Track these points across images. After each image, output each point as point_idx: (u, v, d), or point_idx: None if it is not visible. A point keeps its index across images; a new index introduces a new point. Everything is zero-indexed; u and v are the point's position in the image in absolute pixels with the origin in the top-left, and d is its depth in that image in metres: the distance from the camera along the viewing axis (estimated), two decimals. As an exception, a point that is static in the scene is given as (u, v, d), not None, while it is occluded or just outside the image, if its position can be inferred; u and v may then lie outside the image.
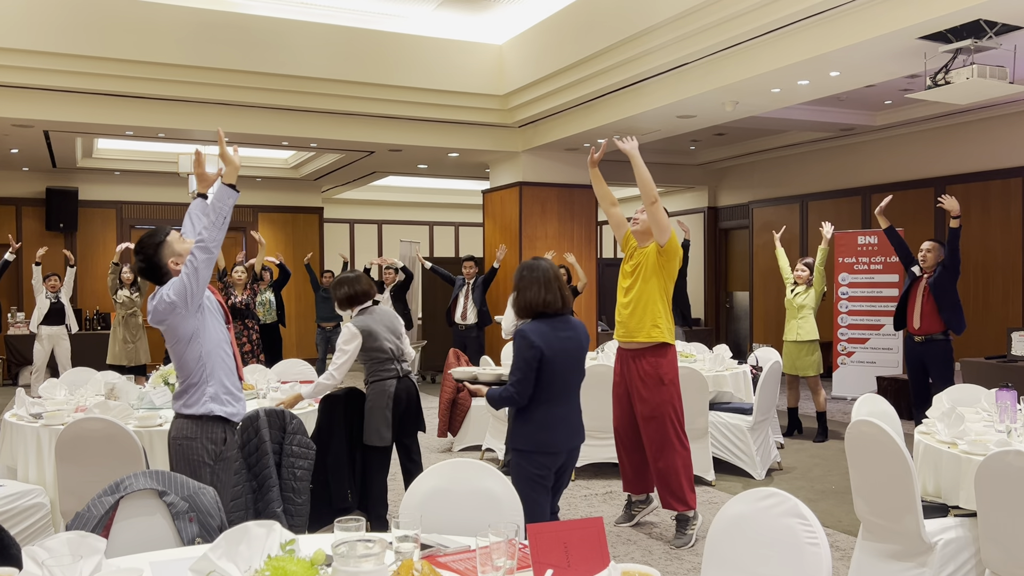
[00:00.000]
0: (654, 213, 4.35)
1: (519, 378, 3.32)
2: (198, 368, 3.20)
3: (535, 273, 3.42)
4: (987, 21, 5.31)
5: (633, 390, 4.59)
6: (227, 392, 3.27)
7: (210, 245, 3.07)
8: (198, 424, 3.21)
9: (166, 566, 2.08)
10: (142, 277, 3.25)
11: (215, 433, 3.22)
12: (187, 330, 3.17)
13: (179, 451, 3.23)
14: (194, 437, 3.21)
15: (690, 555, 4.43)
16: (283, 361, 6.28)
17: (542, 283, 3.39)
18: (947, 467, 3.49)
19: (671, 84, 7.60)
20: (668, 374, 4.51)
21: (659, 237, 4.39)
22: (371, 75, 8.80)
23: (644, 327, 4.48)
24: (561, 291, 3.41)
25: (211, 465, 3.20)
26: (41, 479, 4.13)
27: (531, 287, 3.40)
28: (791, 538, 2.11)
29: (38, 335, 9.40)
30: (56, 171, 12.24)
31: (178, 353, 3.21)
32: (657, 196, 4.36)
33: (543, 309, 3.38)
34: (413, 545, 2.01)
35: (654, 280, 4.46)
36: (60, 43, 7.73)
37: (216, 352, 3.24)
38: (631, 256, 4.62)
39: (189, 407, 3.21)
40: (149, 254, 3.18)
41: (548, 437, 3.37)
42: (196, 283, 3.08)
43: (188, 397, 3.23)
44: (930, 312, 6.21)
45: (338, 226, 15.48)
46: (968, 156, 9.71)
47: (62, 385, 5.09)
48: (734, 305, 13.77)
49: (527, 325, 3.39)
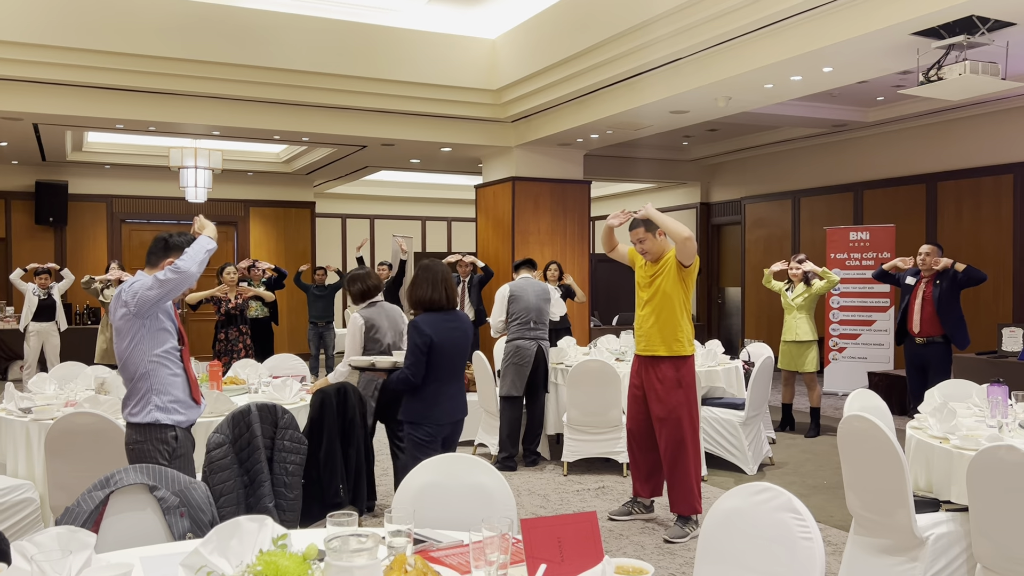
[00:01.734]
0: (686, 247, 4.38)
1: (412, 362, 3.91)
2: (140, 376, 3.20)
3: (428, 274, 4.03)
4: (980, 17, 5.31)
5: (650, 391, 4.61)
6: (175, 401, 3.25)
7: (181, 269, 3.14)
8: (144, 431, 3.20)
9: (157, 561, 2.06)
10: (155, 242, 3.36)
11: (164, 434, 3.21)
12: (128, 331, 3.19)
13: (132, 456, 3.22)
14: (144, 440, 3.20)
15: (683, 550, 4.44)
16: (275, 356, 6.25)
17: (432, 283, 4.00)
18: (939, 462, 3.50)
19: (664, 79, 7.59)
20: (686, 377, 4.57)
21: (685, 261, 4.46)
22: (363, 69, 8.77)
23: (665, 341, 4.53)
24: (447, 291, 4.01)
25: (167, 465, 3.18)
26: (30, 474, 4.11)
27: (423, 285, 4.00)
28: (784, 532, 2.11)
29: (27, 331, 9.35)
30: (46, 164, 12.16)
31: (120, 353, 3.22)
32: (690, 233, 4.40)
33: (430, 305, 3.98)
34: (406, 540, 2.00)
35: (674, 291, 4.51)
36: (50, 36, 7.67)
37: (161, 362, 3.22)
38: (646, 265, 4.64)
39: (134, 416, 3.21)
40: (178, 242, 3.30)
41: (435, 411, 3.98)
42: (155, 295, 3.13)
43: (133, 405, 3.22)
44: (930, 317, 6.26)
45: (330, 221, 15.43)
46: (960, 153, 9.74)
47: (52, 380, 5.05)
48: (726, 301, 13.80)
49: (419, 317, 3.98)
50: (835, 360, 9.90)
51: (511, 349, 6.23)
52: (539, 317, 6.28)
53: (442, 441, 4.04)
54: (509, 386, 6.19)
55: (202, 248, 3.25)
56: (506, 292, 6.36)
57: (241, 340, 7.67)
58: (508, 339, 6.30)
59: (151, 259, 3.32)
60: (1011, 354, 7.20)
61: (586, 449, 5.97)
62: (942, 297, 6.21)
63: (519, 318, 6.25)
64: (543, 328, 6.31)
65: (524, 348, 6.19)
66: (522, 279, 6.46)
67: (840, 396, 9.57)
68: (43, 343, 9.43)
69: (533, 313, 6.25)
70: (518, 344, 6.21)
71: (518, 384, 6.17)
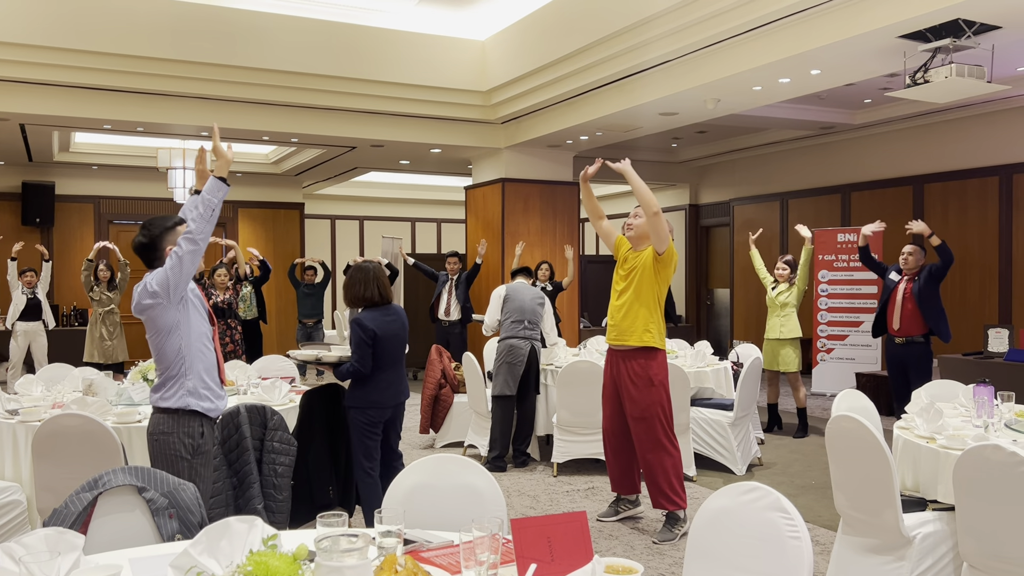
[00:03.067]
0: (655, 225, 4.41)
1: (360, 355, 4.30)
2: (177, 361, 3.18)
3: (362, 274, 4.43)
4: (965, 20, 5.36)
5: (623, 390, 4.63)
6: (206, 387, 3.24)
7: (197, 237, 3.11)
8: (174, 418, 3.19)
9: (146, 563, 2.05)
10: (136, 252, 3.26)
11: (191, 427, 3.20)
12: (168, 321, 3.16)
13: (156, 446, 3.21)
14: (170, 431, 3.18)
15: (672, 550, 4.45)
16: (264, 357, 6.23)
17: (365, 282, 4.40)
18: (925, 462, 3.52)
19: (653, 82, 7.62)
20: (658, 375, 4.57)
21: (658, 246, 4.47)
22: (353, 70, 8.75)
23: (636, 331, 4.54)
24: (380, 288, 4.42)
25: (188, 459, 3.18)
26: (17, 476, 4.08)
27: (358, 284, 4.41)
28: (773, 532, 2.12)
29: (14, 331, 9.28)
30: (32, 165, 12.08)
31: (157, 345, 3.19)
32: (659, 208, 4.42)
33: (367, 301, 4.40)
34: (396, 540, 2.00)
35: (648, 285, 4.53)
36: (36, 35, 7.62)
37: (196, 346, 3.22)
38: (625, 260, 4.67)
39: (165, 400, 3.19)
40: (154, 233, 3.21)
41: (378, 396, 4.35)
42: (179, 273, 3.10)
43: (166, 390, 3.20)
44: (911, 315, 6.25)
45: (319, 222, 15.39)
46: (946, 155, 9.81)
47: (39, 381, 5.02)
48: (715, 302, 13.84)
49: (362, 314, 4.37)
50: (823, 361, 9.95)
51: (504, 348, 6.24)
52: (533, 318, 6.30)
53: (385, 424, 4.43)
54: (502, 385, 6.20)
55: (210, 205, 3.15)
56: (502, 292, 6.40)
57: (230, 334, 7.62)
58: (501, 338, 6.32)
59: (152, 264, 3.23)
60: (997, 355, 7.26)
61: (576, 450, 5.98)
62: (922, 292, 6.21)
63: (513, 317, 6.27)
64: (536, 329, 6.33)
65: (517, 347, 6.20)
66: (518, 282, 6.52)
67: (828, 397, 9.62)
68: (30, 343, 9.36)
69: (528, 313, 6.28)
70: (511, 343, 6.22)
71: (511, 383, 6.18)
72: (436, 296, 9.15)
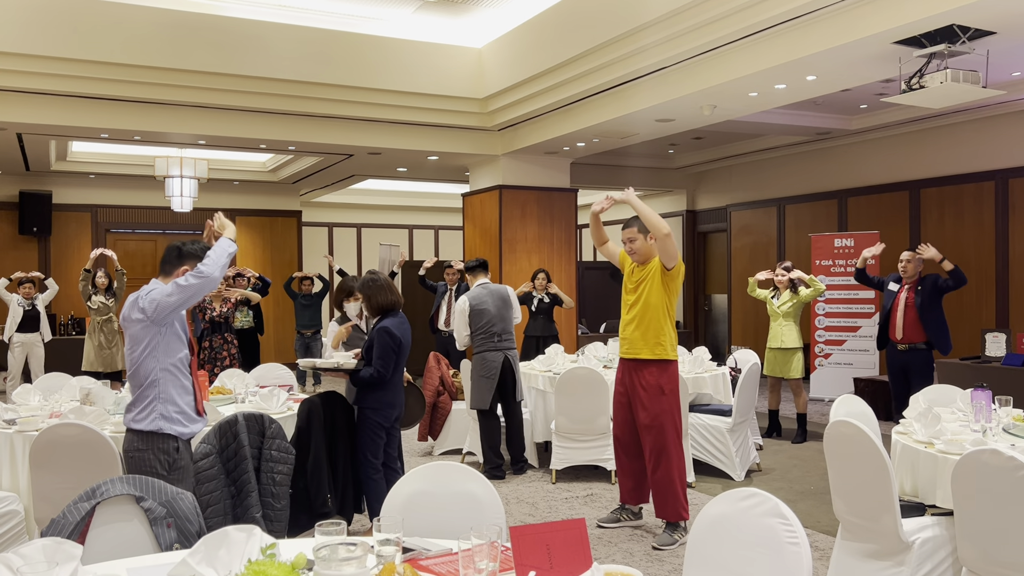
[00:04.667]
0: (665, 246, 4.43)
1: (386, 362, 4.52)
2: (150, 383, 3.19)
3: (379, 282, 4.66)
4: (960, 26, 5.38)
5: (635, 399, 4.64)
6: (180, 412, 3.24)
7: (205, 276, 3.16)
8: (147, 439, 3.18)
9: (144, 572, 2.05)
10: (166, 252, 3.36)
11: (166, 444, 3.19)
12: (143, 339, 3.18)
13: (131, 463, 3.20)
14: (144, 449, 3.17)
15: (671, 556, 4.45)
16: (261, 365, 6.22)
17: (388, 288, 4.65)
18: (924, 466, 3.52)
19: (650, 88, 7.64)
20: (669, 384, 4.59)
21: (667, 263, 4.50)
22: (350, 78, 8.77)
23: (648, 344, 4.56)
24: (396, 294, 4.68)
25: (165, 475, 3.16)
26: (15, 486, 4.06)
27: (380, 292, 4.64)
28: (772, 538, 2.12)
29: (12, 342, 9.27)
30: (29, 174, 12.07)
31: (133, 361, 3.21)
32: (669, 230, 4.43)
33: (390, 307, 4.64)
34: (395, 548, 2.00)
35: (657, 296, 4.54)
36: (33, 45, 7.63)
37: (172, 371, 3.22)
38: (632, 273, 4.68)
39: (138, 422, 3.18)
40: (193, 250, 3.31)
41: (392, 397, 4.64)
42: (175, 301, 3.14)
43: (137, 411, 3.20)
44: (912, 323, 6.29)
45: (317, 230, 15.39)
46: (942, 160, 9.84)
47: (36, 391, 5.01)
48: (712, 307, 13.85)
49: (388, 322, 4.57)
50: (821, 366, 9.96)
51: (477, 362, 6.16)
52: (504, 326, 6.18)
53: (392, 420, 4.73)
54: (478, 399, 6.15)
55: (224, 251, 3.26)
56: (465, 306, 6.19)
57: (226, 348, 7.59)
58: (475, 352, 6.21)
59: (165, 268, 3.30)
60: (995, 359, 7.27)
61: (574, 457, 5.97)
62: (924, 303, 6.25)
63: (483, 331, 6.16)
64: (509, 337, 6.21)
65: (489, 360, 6.12)
66: (479, 286, 6.29)
67: (826, 402, 9.62)
68: (27, 354, 9.35)
69: (497, 325, 6.15)
70: (484, 356, 6.14)
71: (485, 397, 6.11)
72: (435, 307, 9.13)
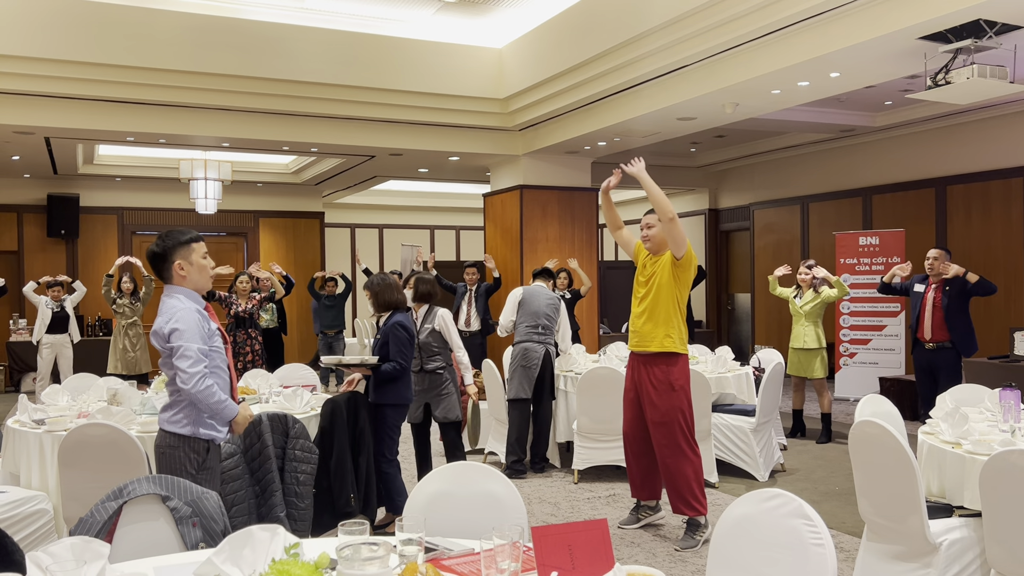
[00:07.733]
0: (671, 230, 4.40)
1: (405, 355, 4.75)
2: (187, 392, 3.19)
3: (387, 281, 4.94)
4: (987, 21, 5.31)
5: (644, 395, 4.61)
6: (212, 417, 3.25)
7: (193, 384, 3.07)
8: (180, 439, 3.20)
9: (170, 571, 2.07)
10: (148, 260, 3.27)
11: (198, 445, 3.21)
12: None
13: (162, 459, 3.22)
14: (176, 446, 3.19)
15: (694, 557, 4.43)
16: (285, 366, 6.26)
17: (396, 287, 4.91)
18: (951, 467, 3.48)
19: (671, 86, 7.60)
20: (679, 380, 4.55)
21: (676, 251, 4.46)
22: (371, 79, 8.81)
23: (657, 337, 4.53)
24: (402, 293, 4.98)
25: (193, 475, 3.18)
26: (44, 485, 4.12)
27: (386, 291, 4.91)
28: (796, 539, 2.10)
29: (41, 344, 9.40)
30: (57, 178, 12.25)
31: (170, 368, 3.21)
32: (674, 213, 4.41)
33: (396, 305, 4.90)
34: (417, 548, 2.01)
35: (668, 290, 4.51)
36: (60, 50, 7.74)
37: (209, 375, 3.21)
38: (644, 266, 4.67)
39: (173, 424, 3.20)
40: (167, 246, 3.20)
41: (408, 392, 4.85)
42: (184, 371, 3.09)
43: (173, 414, 3.21)
44: (940, 323, 6.25)
45: (339, 231, 15.48)
46: (968, 156, 9.70)
47: (64, 391, 5.08)
48: (735, 307, 13.76)
49: (400, 317, 4.81)
50: (846, 365, 9.86)
51: (519, 352, 6.26)
52: (547, 322, 6.31)
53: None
54: (517, 388, 6.20)
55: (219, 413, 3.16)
56: (519, 294, 6.43)
57: (250, 344, 7.62)
58: (516, 342, 6.33)
59: (162, 274, 3.27)
60: (1023, 358, 7.16)
61: (597, 457, 5.96)
62: (951, 305, 6.19)
63: (527, 321, 6.28)
64: (550, 334, 6.34)
65: (532, 350, 6.21)
66: (536, 285, 6.54)
67: (851, 402, 9.52)
68: (56, 355, 9.48)
69: (542, 318, 6.29)
70: (526, 347, 6.23)
71: (526, 386, 6.18)
72: (456, 308, 9.16)
